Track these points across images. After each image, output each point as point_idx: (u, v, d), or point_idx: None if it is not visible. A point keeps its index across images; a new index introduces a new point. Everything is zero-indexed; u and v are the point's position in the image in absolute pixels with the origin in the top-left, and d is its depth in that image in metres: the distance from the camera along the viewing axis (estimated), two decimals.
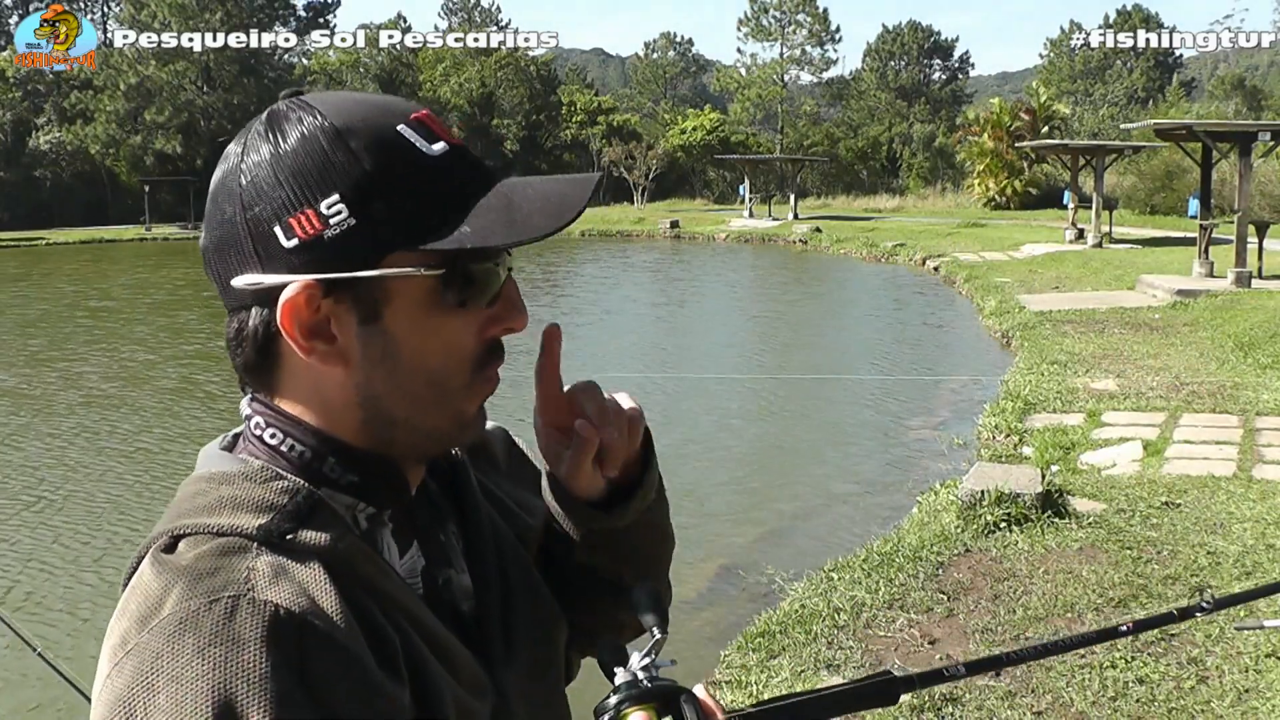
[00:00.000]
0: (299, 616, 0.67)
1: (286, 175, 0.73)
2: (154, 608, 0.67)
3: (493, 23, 63.50)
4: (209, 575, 0.68)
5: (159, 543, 0.72)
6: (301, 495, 0.74)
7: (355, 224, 0.72)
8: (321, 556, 0.72)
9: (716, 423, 10.32)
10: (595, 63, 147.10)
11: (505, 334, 0.80)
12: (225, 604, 0.65)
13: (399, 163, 0.74)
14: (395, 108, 0.77)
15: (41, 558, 6.81)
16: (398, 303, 0.75)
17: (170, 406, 11.30)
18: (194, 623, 0.65)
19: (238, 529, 0.71)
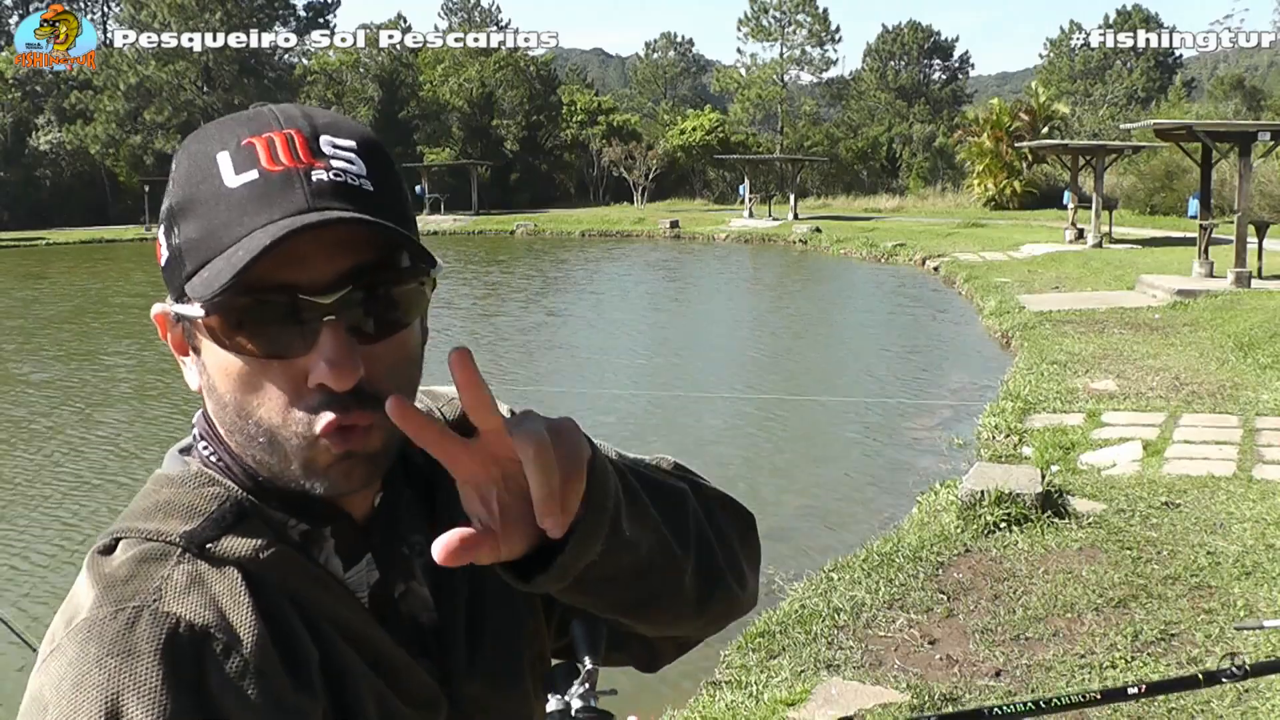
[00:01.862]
0: (200, 630, 0.68)
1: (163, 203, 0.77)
2: (76, 610, 0.70)
3: (493, 23, 63.48)
4: (123, 583, 0.70)
5: (101, 543, 0.74)
6: (230, 503, 0.75)
7: (168, 256, 0.75)
8: (241, 565, 0.72)
9: (715, 423, 10.32)
10: (595, 63, 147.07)
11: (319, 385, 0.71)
12: (129, 614, 0.67)
13: (199, 194, 0.72)
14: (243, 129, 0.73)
15: (42, 558, 6.81)
16: (202, 338, 0.74)
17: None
18: (99, 631, 0.67)
19: (164, 535, 0.73)
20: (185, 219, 0.73)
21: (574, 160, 52.73)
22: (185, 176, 0.73)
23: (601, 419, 10.52)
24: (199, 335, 0.74)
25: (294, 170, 0.71)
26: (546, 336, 16.54)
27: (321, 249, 0.70)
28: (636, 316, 18.72)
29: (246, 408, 0.73)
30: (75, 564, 5.88)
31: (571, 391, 11.78)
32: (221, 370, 0.73)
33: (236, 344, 0.72)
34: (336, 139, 0.74)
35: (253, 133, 0.73)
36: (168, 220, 0.74)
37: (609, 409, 11.02)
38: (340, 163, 0.73)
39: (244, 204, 0.70)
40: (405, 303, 0.74)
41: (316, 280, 0.70)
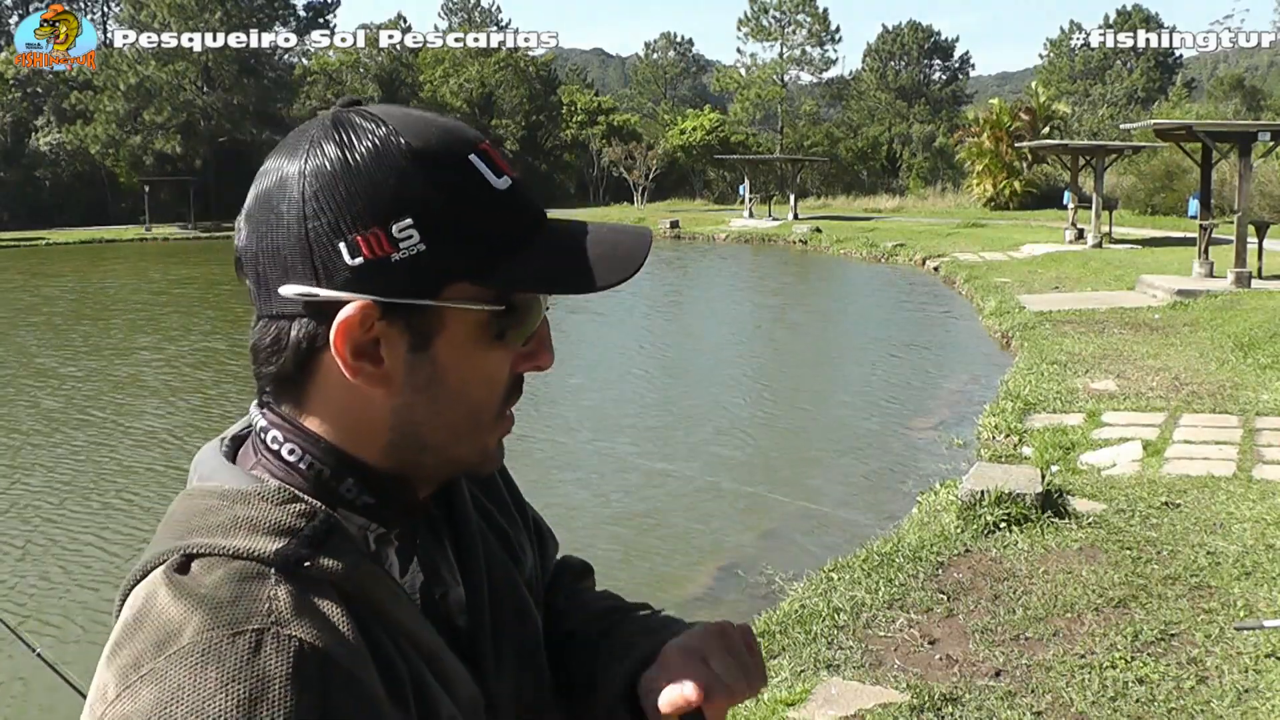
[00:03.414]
0: (322, 652, 0.66)
1: (360, 189, 0.71)
2: (173, 633, 0.65)
3: (493, 23, 63.47)
4: (230, 604, 0.66)
5: (170, 561, 0.69)
6: (319, 519, 0.72)
7: (424, 250, 0.71)
8: (338, 585, 0.71)
9: (716, 423, 10.32)
10: (595, 63, 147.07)
11: (532, 370, 0.80)
12: (250, 637, 0.64)
13: (470, 193, 0.73)
14: (464, 135, 0.76)
15: (43, 558, 6.82)
16: (449, 333, 0.74)
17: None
18: (217, 655, 0.63)
19: (254, 553, 0.69)
20: (466, 216, 0.73)
21: (574, 160, 52.75)
22: (450, 175, 0.73)
23: (602, 417, 10.52)
24: (443, 331, 0.74)
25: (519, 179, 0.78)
26: None
27: None
28: (637, 316, 18.72)
29: (472, 399, 0.77)
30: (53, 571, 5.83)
31: (575, 385, 11.78)
32: (465, 364, 0.75)
33: (502, 337, 0.76)
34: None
35: (475, 138, 0.77)
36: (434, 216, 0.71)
37: (609, 407, 11.02)
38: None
39: (516, 206, 0.76)
40: None
41: None
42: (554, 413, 10.45)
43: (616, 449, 9.24)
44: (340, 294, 0.71)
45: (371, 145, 0.72)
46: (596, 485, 8.29)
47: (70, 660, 5.18)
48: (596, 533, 7.08)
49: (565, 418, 10.33)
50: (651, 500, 7.79)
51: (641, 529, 7.21)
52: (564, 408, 10.81)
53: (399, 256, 0.71)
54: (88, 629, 5.72)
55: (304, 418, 0.76)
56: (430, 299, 0.72)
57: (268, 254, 0.73)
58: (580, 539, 7.05)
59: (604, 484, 8.32)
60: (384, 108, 0.76)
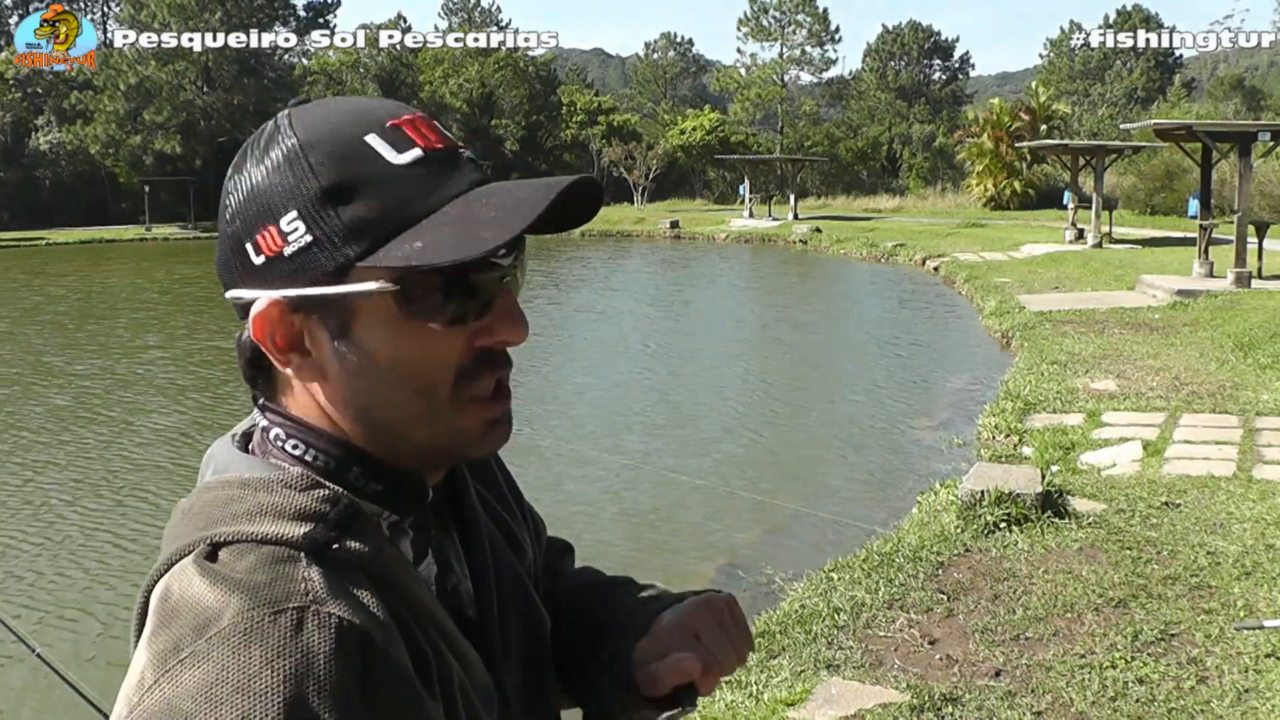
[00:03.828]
0: (360, 629, 0.66)
1: (254, 192, 0.74)
2: (211, 617, 0.65)
3: (493, 23, 63.46)
4: (268, 586, 0.66)
5: (198, 550, 0.70)
6: (343, 503, 0.73)
7: (311, 240, 0.72)
8: (365, 567, 0.71)
9: (716, 422, 10.33)
10: (595, 63, 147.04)
11: (499, 345, 0.77)
12: (291, 615, 0.65)
13: (359, 175, 0.72)
14: (374, 114, 0.75)
15: (45, 558, 6.82)
16: (365, 316, 0.74)
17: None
18: (260, 633, 0.63)
19: (283, 538, 0.70)
20: (353, 199, 0.72)
21: (574, 160, 52.71)
22: (333, 159, 0.72)
23: (601, 416, 10.52)
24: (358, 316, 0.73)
25: (454, 149, 0.76)
26: (549, 334, 16.54)
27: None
28: (638, 314, 18.72)
29: (410, 379, 0.75)
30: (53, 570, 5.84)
31: (576, 382, 11.79)
32: (390, 345, 0.74)
33: (422, 313, 0.73)
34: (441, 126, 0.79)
35: (388, 115, 0.75)
36: (316, 204, 0.72)
37: (609, 405, 11.02)
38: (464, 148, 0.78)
39: (423, 180, 0.73)
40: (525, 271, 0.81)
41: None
42: (553, 411, 10.45)
43: (617, 449, 9.23)
44: (251, 292, 0.74)
45: (266, 147, 0.74)
46: (595, 486, 8.29)
47: (88, 657, 5.19)
48: (597, 533, 7.08)
49: (565, 417, 10.33)
50: (651, 500, 7.79)
51: (641, 529, 7.21)
52: (564, 407, 10.81)
53: (290, 249, 0.73)
54: (108, 624, 5.73)
55: (294, 411, 0.78)
56: (328, 286, 0.72)
57: (219, 263, 0.78)
58: (580, 541, 7.03)
59: (603, 484, 8.32)
60: (314, 105, 0.77)
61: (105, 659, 5.28)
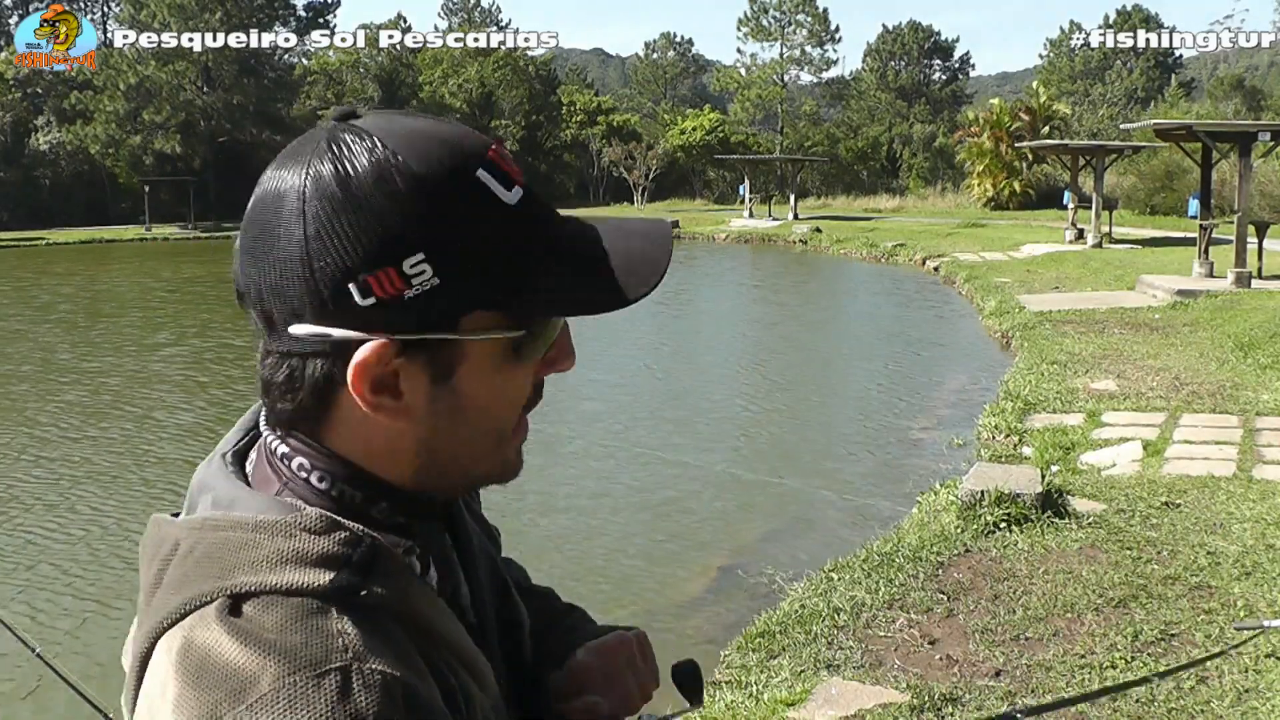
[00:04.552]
0: (402, 682, 0.64)
1: (365, 226, 0.67)
2: (248, 681, 0.61)
3: (493, 23, 63.50)
4: (304, 645, 0.63)
5: (218, 603, 0.65)
6: (364, 544, 0.69)
7: (438, 284, 0.68)
8: (391, 610, 0.69)
9: (716, 423, 10.32)
10: (595, 63, 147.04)
11: (555, 373, 0.79)
12: (334, 677, 0.62)
13: (481, 215, 0.70)
14: (469, 145, 0.72)
15: (42, 556, 6.81)
16: (471, 362, 0.72)
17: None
18: (305, 699, 0.61)
19: (309, 588, 0.66)
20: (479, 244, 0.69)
21: (574, 160, 52.75)
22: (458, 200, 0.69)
23: (602, 413, 10.52)
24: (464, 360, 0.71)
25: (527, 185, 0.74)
26: None
27: None
28: (638, 313, 18.71)
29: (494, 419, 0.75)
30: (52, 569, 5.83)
31: (577, 381, 11.78)
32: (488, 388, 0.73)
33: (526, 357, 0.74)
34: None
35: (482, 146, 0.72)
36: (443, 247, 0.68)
37: (609, 403, 11.02)
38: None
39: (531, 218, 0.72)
40: None
41: None
42: (553, 410, 10.44)
43: (617, 446, 9.23)
44: (353, 334, 0.68)
45: (373, 174, 0.68)
46: (594, 486, 8.29)
47: (90, 657, 5.19)
48: (596, 534, 7.08)
49: (565, 419, 10.33)
50: (649, 502, 7.79)
51: (641, 529, 7.21)
52: (564, 408, 10.81)
53: (412, 294, 0.68)
54: (109, 623, 5.72)
55: (327, 444, 0.74)
56: (448, 332, 0.70)
57: (272, 291, 0.69)
58: (577, 543, 7.05)
59: (602, 485, 8.32)
60: (382, 121, 0.71)
61: (105, 659, 5.28)
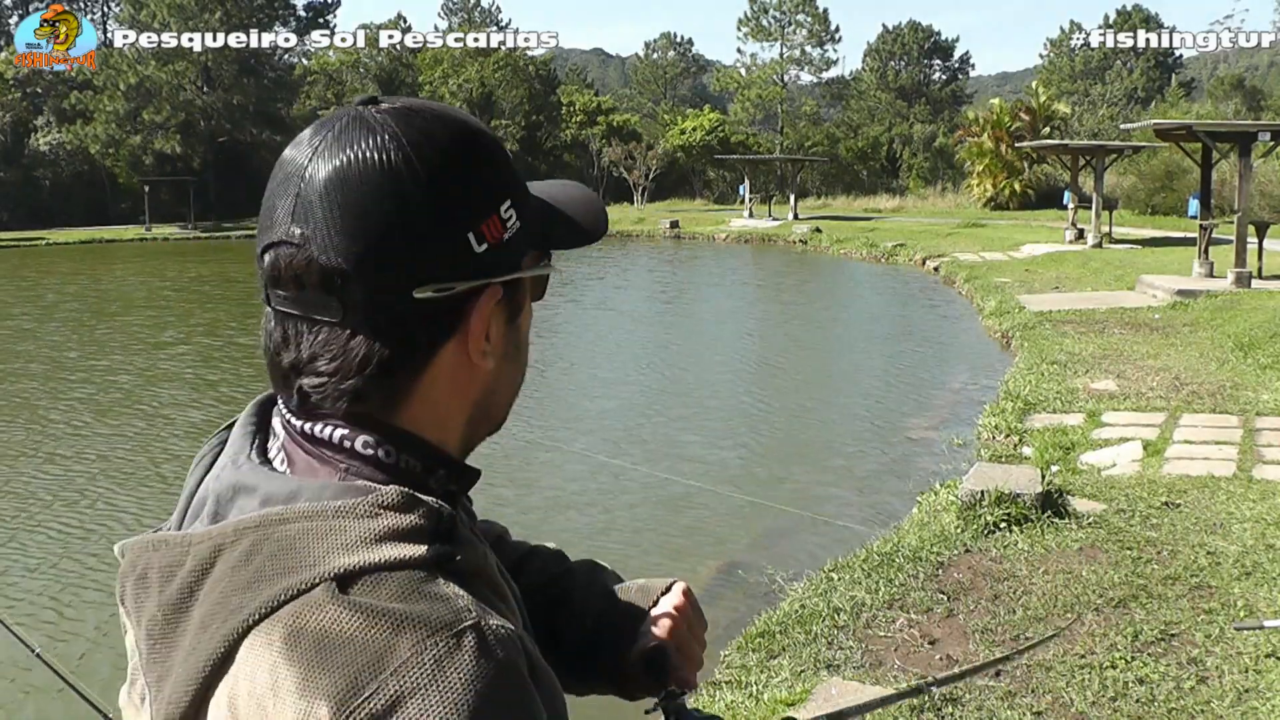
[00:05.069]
0: (516, 633, 0.67)
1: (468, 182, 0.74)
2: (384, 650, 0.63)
3: (493, 23, 63.49)
4: (431, 610, 0.65)
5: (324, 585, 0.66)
6: (445, 514, 0.71)
7: (520, 226, 0.77)
8: (479, 574, 0.72)
9: (716, 423, 10.32)
10: (595, 63, 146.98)
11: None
12: (471, 635, 0.64)
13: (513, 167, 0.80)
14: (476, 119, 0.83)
15: (42, 556, 6.81)
16: (526, 300, 0.81)
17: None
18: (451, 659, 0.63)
19: (411, 560, 0.67)
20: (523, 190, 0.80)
21: (574, 160, 52.70)
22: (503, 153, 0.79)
23: (602, 412, 10.52)
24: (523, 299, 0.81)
25: None
26: (545, 335, 16.56)
27: None
28: (638, 313, 18.73)
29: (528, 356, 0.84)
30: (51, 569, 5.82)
31: (576, 381, 11.78)
32: (528, 326, 0.83)
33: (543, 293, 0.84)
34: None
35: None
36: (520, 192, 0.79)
37: (609, 402, 11.02)
38: None
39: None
40: None
41: None
42: (551, 410, 10.45)
43: (617, 449, 9.23)
44: (477, 282, 0.74)
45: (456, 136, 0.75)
46: (594, 485, 8.29)
47: (88, 657, 5.18)
48: (595, 532, 7.08)
49: (566, 417, 10.34)
50: (649, 499, 7.79)
51: (641, 529, 7.21)
52: (565, 406, 10.82)
53: (509, 236, 0.76)
54: (108, 623, 5.72)
55: (389, 417, 0.75)
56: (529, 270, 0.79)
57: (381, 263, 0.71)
58: (578, 537, 7.05)
59: (601, 483, 8.32)
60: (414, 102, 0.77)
61: (106, 659, 5.28)
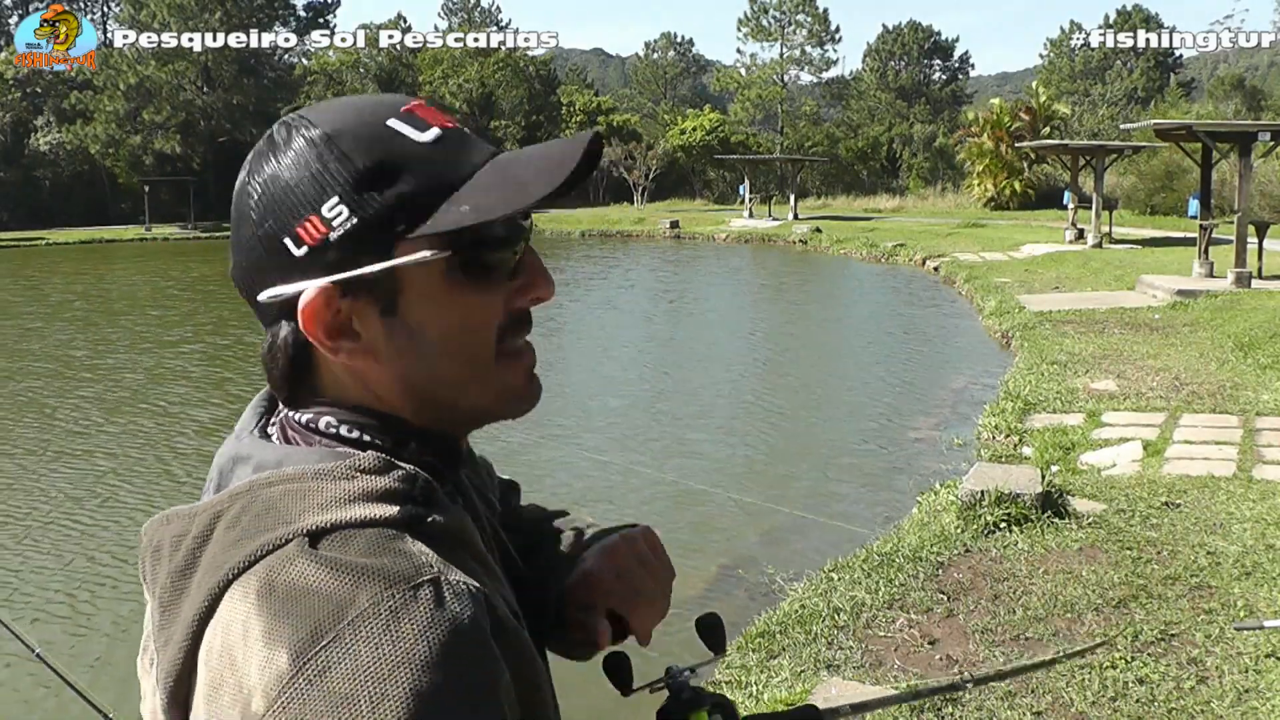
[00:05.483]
0: (482, 591, 0.69)
1: (288, 188, 0.76)
2: (345, 601, 0.65)
3: (493, 23, 63.49)
4: (392, 564, 0.67)
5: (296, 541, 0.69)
6: (421, 480, 0.75)
7: (356, 222, 0.75)
8: (453, 537, 0.74)
9: (716, 422, 10.33)
10: (595, 63, 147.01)
11: (534, 304, 0.82)
12: (428, 589, 0.66)
13: (390, 155, 0.76)
14: (387, 103, 0.79)
15: (41, 557, 6.81)
16: (412, 290, 0.76)
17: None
18: (405, 610, 0.64)
19: (381, 519, 0.70)
20: (388, 177, 0.75)
21: None
22: (365, 144, 0.76)
23: (609, 410, 10.52)
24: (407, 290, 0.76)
25: (458, 127, 0.79)
26: (546, 334, 16.57)
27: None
28: (638, 313, 18.73)
29: (460, 345, 0.78)
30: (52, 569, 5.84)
31: (583, 380, 11.79)
32: (440, 314, 0.77)
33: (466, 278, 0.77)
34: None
35: (399, 103, 0.79)
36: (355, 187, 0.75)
37: (609, 400, 11.02)
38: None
39: (449, 154, 0.77)
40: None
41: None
42: (559, 408, 10.45)
43: (620, 447, 9.23)
44: (297, 285, 0.76)
45: (294, 144, 0.77)
46: (593, 483, 8.29)
47: (89, 656, 5.19)
48: None
49: (567, 415, 10.34)
50: (649, 499, 7.79)
51: (643, 523, 7.19)
52: (567, 402, 10.82)
53: (336, 234, 0.75)
54: (109, 623, 5.72)
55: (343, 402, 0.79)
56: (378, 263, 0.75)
57: (245, 271, 0.79)
58: None
59: (602, 481, 8.32)
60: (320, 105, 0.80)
61: (106, 659, 5.28)
